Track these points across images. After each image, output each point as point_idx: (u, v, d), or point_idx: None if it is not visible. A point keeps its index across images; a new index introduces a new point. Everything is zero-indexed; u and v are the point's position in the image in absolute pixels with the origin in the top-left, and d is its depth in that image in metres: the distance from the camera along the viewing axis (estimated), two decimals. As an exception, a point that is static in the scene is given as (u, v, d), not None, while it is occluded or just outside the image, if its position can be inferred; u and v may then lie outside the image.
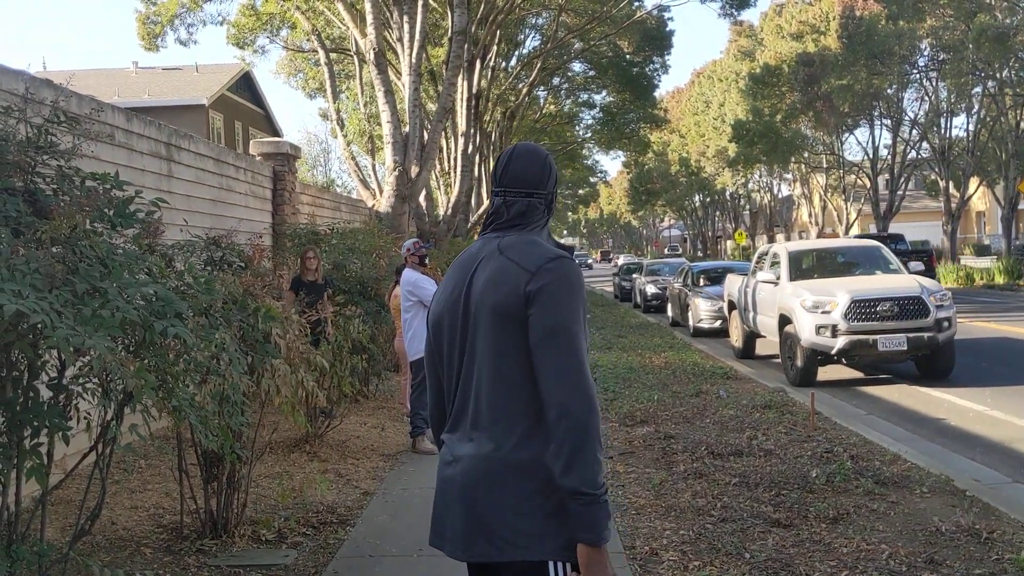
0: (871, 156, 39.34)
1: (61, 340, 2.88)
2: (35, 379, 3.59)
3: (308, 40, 25.48)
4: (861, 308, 10.71)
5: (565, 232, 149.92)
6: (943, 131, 36.26)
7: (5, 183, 3.61)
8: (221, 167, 10.53)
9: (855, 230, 45.55)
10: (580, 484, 1.98)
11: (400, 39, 17.32)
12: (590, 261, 47.48)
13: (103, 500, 4.15)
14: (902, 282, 11.43)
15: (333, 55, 24.91)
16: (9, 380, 3.43)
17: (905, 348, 10.60)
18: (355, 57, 24.32)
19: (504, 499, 2.07)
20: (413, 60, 16.68)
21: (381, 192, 17.48)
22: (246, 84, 37.44)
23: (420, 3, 16.77)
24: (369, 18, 16.34)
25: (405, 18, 16.93)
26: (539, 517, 2.06)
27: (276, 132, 40.12)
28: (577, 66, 38.27)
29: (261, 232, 11.23)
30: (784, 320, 11.71)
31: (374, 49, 16.36)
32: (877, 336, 10.60)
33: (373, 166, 27.07)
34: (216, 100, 33.01)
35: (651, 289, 25.21)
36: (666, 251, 71.25)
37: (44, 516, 3.93)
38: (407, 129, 16.55)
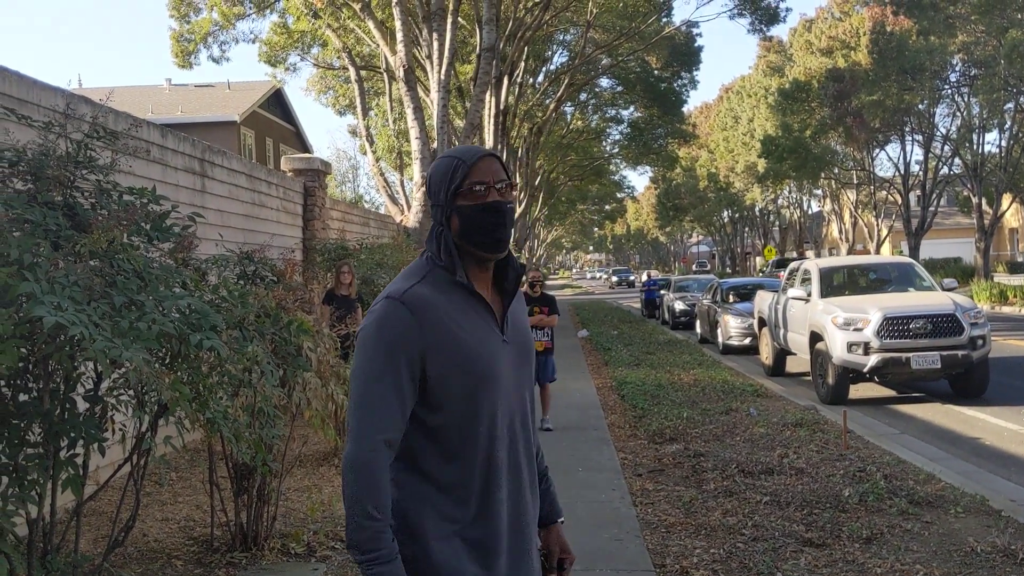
0: (902, 172, 38.96)
1: (99, 352, 2.91)
2: (72, 391, 3.64)
3: (339, 58, 25.76)
4: (894, 325, 10.59)
5: (591, 248, 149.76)
6: (975, 147, 35.85)
7: (45, 197, 3.67)
8: (253, 183, 10.64)
9: (886, 247, 45.11)
10: (346, 539, 1.91)
11: (429, 56, 17.45)
12: (632, 278, 45.25)
13: (137, 512, 4.18)
14: (935, 299, 11.30)
15: (363, 72, 25.13)
16: (47, 392, 3.48)
17: (939, 366, 10.46)
18: (385, 74, 24.54)
19: None
20: (442, 77, 16.79)
21: (409, 207, 17.57)
22: (277, 101, 37.85)
23: (449, 21, 16.90)
24: (399, 36, 16.49)
25: (434, 35, 17.05)
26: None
27: (306, 148, 40.49)
28: (605, 82, 38.35)
29: (292, 247, 11.33)
30: (815, 337, 11.60)
31: (404, 66, 16.49)
32: (910, 354, 10.47)
33: (401, 182, 27.27)
34: (248, 117, 33.39)
35: (679, 305, 25.07)
36: (694, 267, 70.88)
37: (79, 527, 3.97)
38: (435, 145, 16.64)
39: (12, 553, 3.34)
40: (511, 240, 2.09)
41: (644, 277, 48.54)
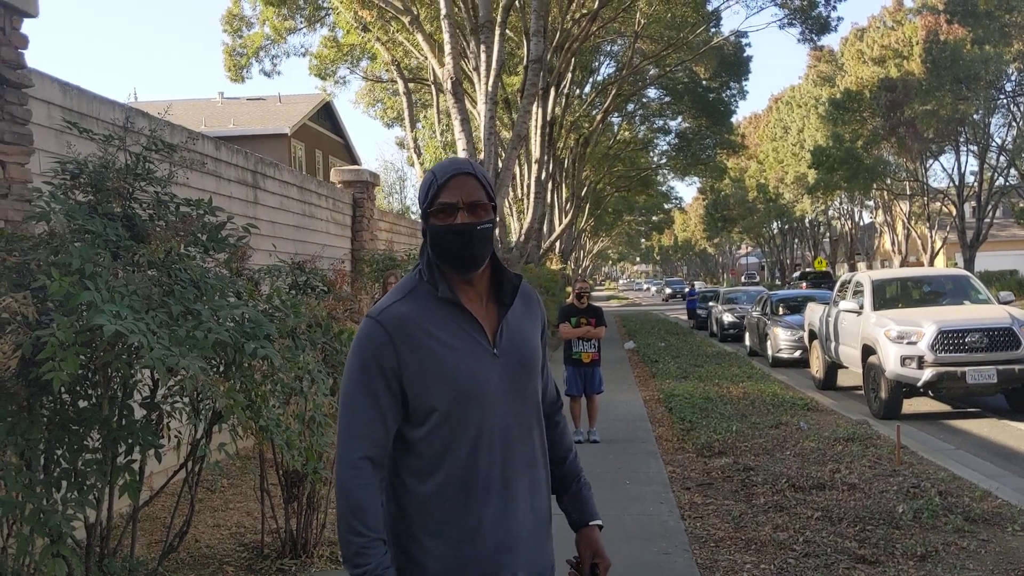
0: (957, 183, 38.22)
1: (156, 360, 2.98)
2: (129, 398, 3.72)
3: (387, 70, 26.03)
4: (949, 339, 10.38)
5: (638, 259, 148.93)
6: (1033, 157, 35.08)
7: (105, 208, 3.76)
8: (304, 194, 10.78)
9: (940, 259, 44.24)
10: (342, 558, 1.94)
11: (476, 68, 17.55)
12: (686, 289, 43.71)
13: (191, 518, 4.25)
14: (992, 312, 11.05)
15: (411, 85, 25.37)
16: (106, 398, 3.55)
17: (995, 381, 10.22)
18: (432, 86, 24.74)
19: None
20: (489, 88, 16.88)
21: (457, 219, 17.62)
22: (326, 114, 38.32)
23: (497, 33, 16.99)
24: (447, 48, 16.61)
25: (482, 47, 17.15)
26: None
27: (355, 160, 40.92)
28: (652, 92, 38.18)
29: (342, 257, 11.46)
30: (867, 351, 11.41)
31: (451, 78, 16.60)
32: (965, 368, 10.25)
33: (449, 193, 27.38)
34: (298, 129, 33.85)
35: (728, 318, 24.84)
36: (743, 279, 70.06)
37: (134, 532, 4.05)
38: (482, 156, 16.71)
39: (70, 556, 3.41)
40: (488, 257, 2.02)
41: (685, 288, 48.23)
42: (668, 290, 73.53)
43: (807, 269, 46.68)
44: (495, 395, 1.98)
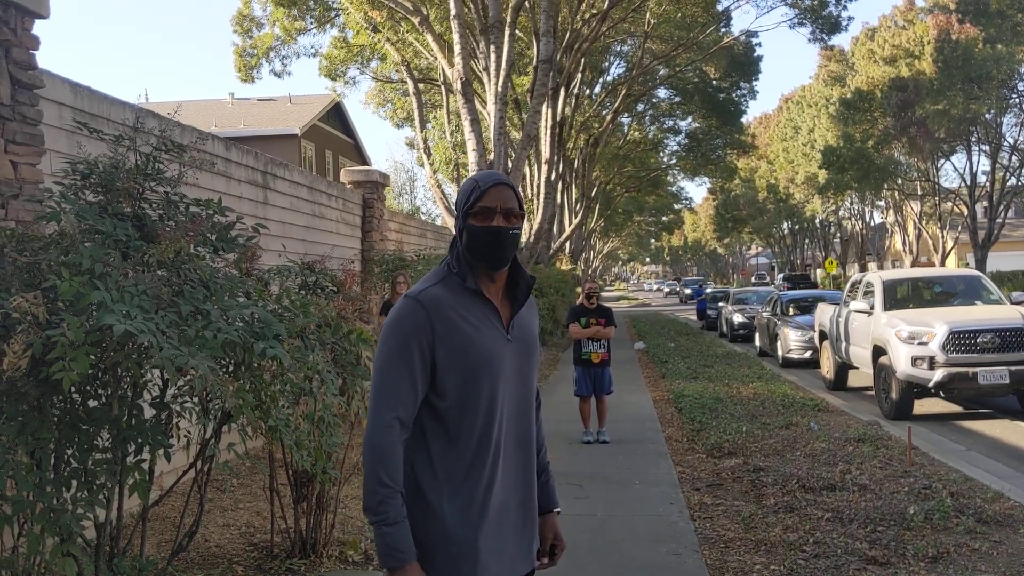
0: (968, 183, 38.01)
1: (166, 360, 2.98)
2: (139, 397, 3.73)
3: (397, 71, 26.06)
4: (960, 339, 10.33)
5: (648, 259, 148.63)
6: (1045, 157, 34.88)
7: (115, 208, 3.77)
8: (314, 194, 10.80)
9: (951, 259, 44.03)
10: (364, 506, 2.18)
11: (486, 68, 17.55)
12: (708, 289, 41.71)
13: (201, 517, 4.25)
14: (1003, 313, 10.99)
15: (421, 85, 25.38)
16: (115, 398, 3.56)
17: (1007, 382, 10.16)
18: (442, 87, 24.75)
19: None
20: (499, 89, 16.87)
21: (466, 219, 17.63)
22: (336, 114, 38.38)
23: (507, 33, 16.98)
24: (457, 48, 16.61)
25: (492, 48, 17.14)
26: None
27: (364, 161, 40.96)
28: (662, 92, 38.12)
29: (351, 257, 11.47)
30: (878, 351, 11.37)
31: (461, 79, 16.61)
32: (977, 369, 10.20)
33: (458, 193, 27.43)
34: (308, 130, 33.91)
35: (738, 318, 24.77)
36: (753, 279, 69.73)
37: (144, 531, 4.06)
38: (492, 157, 16.71)
39: (80, 555, 3.42)
40: (512, 258, 2.34)
41: (708, 289, 47.89)
42: (687, 290, 68.35)
43: (789, 271, 47.33)
44: (507, 374, 2.29)
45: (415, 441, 2.25)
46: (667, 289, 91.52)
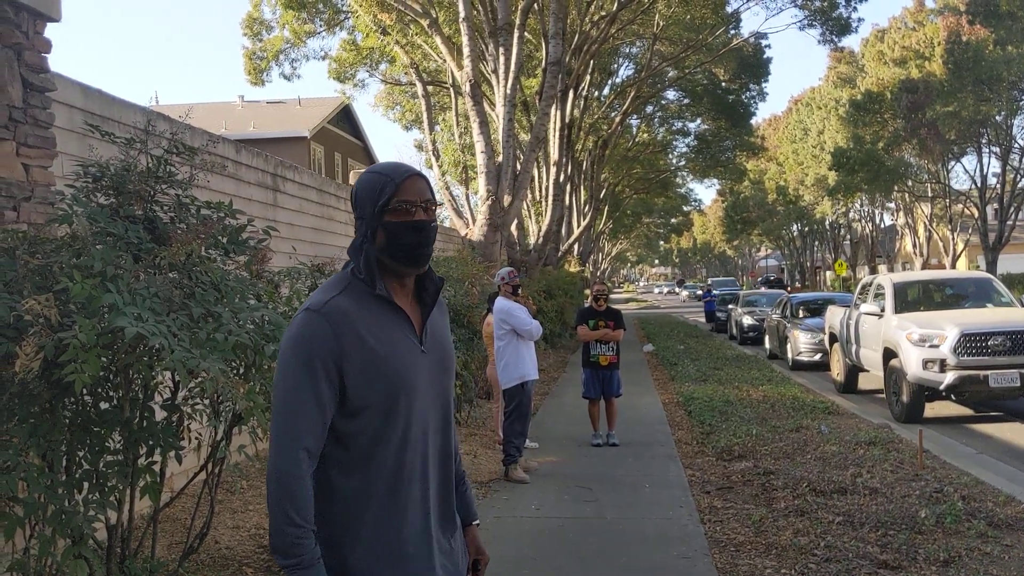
0: (979, 185, 37.87)
1: (177, 362, 2.99)
2: (150, 399, 3.74)
3: (406, 73, 26.09)
4: (971, 342, 10.28)
5: (657, 261, 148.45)
6: (1056, 158, 34.72)
7: (127, 211, 3.78)
8: (323, 197, 10.82)
9: (962, 261, 43.84)
10: (272, 548, 1.95)
11: (495, 71, 17.56)
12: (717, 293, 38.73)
13: (211, 519, 4.26)
14: (1015, 315, 10.94)
15: (430, 87, 25.40)
16: (127, 400, 3.57)
17: (1019, 384, 10.10)
18: (451, 89, 24.77)
19: None
20: (508, 91, 16.88)
21: (474, 221, 17.68)
22: (345, 117, 38.46)
23: (516, 35, 16.99)
24: (466, 51, 16.63)
25: (501, 50, 17.15)
26: None
27: (373, 163, 40.97)
28: (671, 94, 38.09)
29: (360, 260, 11.48)
30: (889, 354, 11.32)
31: (470, 81, 16.62)
32: (988, 372, 10.14)
33: (466, 196, 27.47)
34: (317, 132, 33.99)
35: (748, 320, 24.73)
36: (760, 281, 69.47)
37: (155, 533, 4.07)
38: (500, 159, 16.72)
39: (92, 557, 3.43)
40: (431, 256, 2.12)
41: (741, 291, 47.51)
42: (716, 292, 64.91)
43: (769, 276, 47.54)
44: (423, 390, 2.06)
45: (317, 472, 1.99)
46: (686, 293, 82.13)
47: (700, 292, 50.72)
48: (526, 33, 19.27)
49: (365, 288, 2.04)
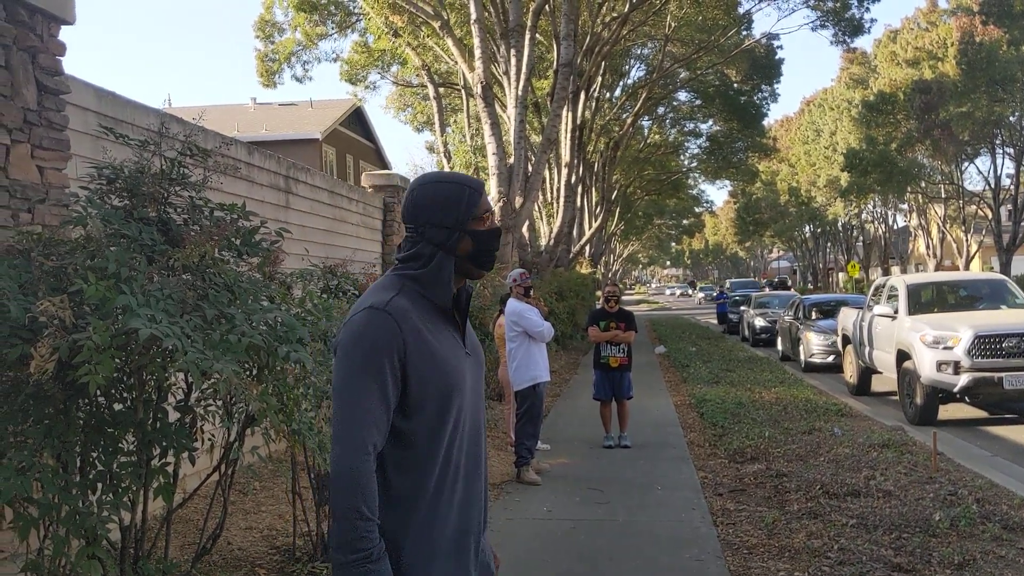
0: (993, 186, 37.67)
1: (190, 363, 3.00)
2: (163, 401, 3.75)
3: (417, 75, 26.15)
4: (986, 344, 10.22)
5: (668, 263, 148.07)
6: (1071, 159, 34.48)
7: (141, 213, 3.80)
8: (335, 199, 10.84)
9: (976, 263, 43.60)
10: (331, 544, 1.97)
11: (507, 72, 17.57)
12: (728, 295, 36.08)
13: (224, 520, 4.27)
14: (1030, 317, 10.87)
15: (441, 89, 25.46)
16: (140, 401, 3.59)
17: (1034, 387, 10.04)
18: (462, 91, 24.81)
19: None
20: (519, 93, 16.89)
21: (487, 223, 17.67)
22: (357, 119, 38.54)
23: (527, 37, 17.00)
24: (477, 52, 16.65)
25: (512, 52, 17.17)
26: None
27: (385, 165, 41.10)
28: (683, 95, 38.05)
29: (372, 261, 11.50)
30: (902, 356, 11.26)
31: (481, 83, 16.63)
32: (1003, 374, 10.08)
33: (479, 197, 27.47)
34: (329, 134, 34.07)
35: (760, 322, 24.66)
36: (763, 283, 69.02)
37: (168, 534, 4.08)
38: (512, 160, 16.72)
39: (105, 558, 3.44)
40: None
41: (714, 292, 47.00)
42: (736, 293, 60.20)
43: (775, 279, 47.71)
44: (468, 390, 2.14)
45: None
46: (703, 295, 77.57)
47: (716, 293, 48.74)
48: (538, 35, 19.29)
49: (416, 291, 2.10)
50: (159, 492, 3.71)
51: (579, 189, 29.40)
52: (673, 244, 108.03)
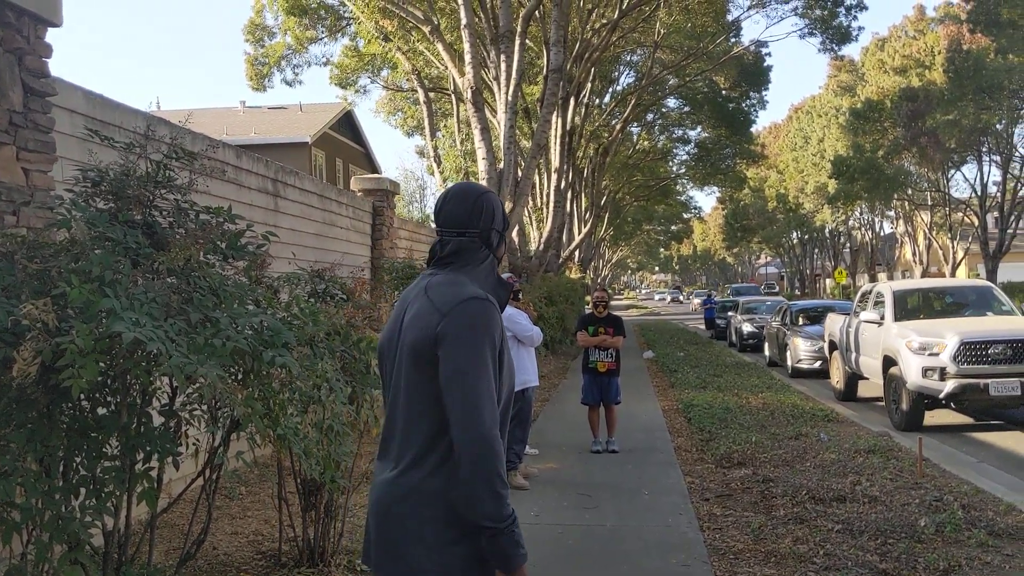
0: (979, 193, 37.92)
1: (175, 367, 2.98)
2: (148, 405, 3.73)
3: (408, 80, 26.15)
4: (971, 350, 10.27)
5: (657, 268, 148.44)
6: (1057, 167, 34.73)
7: (126, 216, 3.78)
8: (324, 202, 10.82)
9: (962, 270, 43.82)
10: (481, 518, 2.08)
11: (497, 78, 17.59)
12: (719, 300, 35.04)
13: (209, 525, 4.24)
14: (1015, 324, 10.93)
15: (431, 94, 25.45)
16: (124, 406, 3.56)
17: (1019, 393, 10.09)
18: (452, 96, 24.82)
19: (408, 526, 2.18)
20: (509, 98, 16.91)
21: (476, 227, 17.68)
22: (347, 122, 38.51)
23: (517, 43, 17.02)
24: (467, 58, 16.66)
25: (502, 57, 17.19)
26: (439, 546, 2.15)
27: (375, 169, 41.06)
28: (672, 102, 38.20)
29: (361, 265, 11.48)
30: (889, 362, 11.31)
31: (471, 87, 16.65)
32: (989, 380, 10.13)
33: (468, 202, 27.48)
34: (319, 138, 34.03)
35: (747, 328, 24.73)
36: (763, 288, 69.27)
37: (152, 539, 4.05)
38: (502, 165, 16.74)
39: (88, 563, 3.42)
40: None
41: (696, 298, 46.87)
42: (697, 300, 55.00)
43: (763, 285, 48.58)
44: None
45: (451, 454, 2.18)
46: (698, 300, 71.73)
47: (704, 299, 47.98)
48: (527, 40, 19.32)
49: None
50: (143, 497, 3.68)
51: (569, 194, 29.44)
52: (662, 250, 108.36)
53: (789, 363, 17.83)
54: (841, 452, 8.70)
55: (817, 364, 16.62)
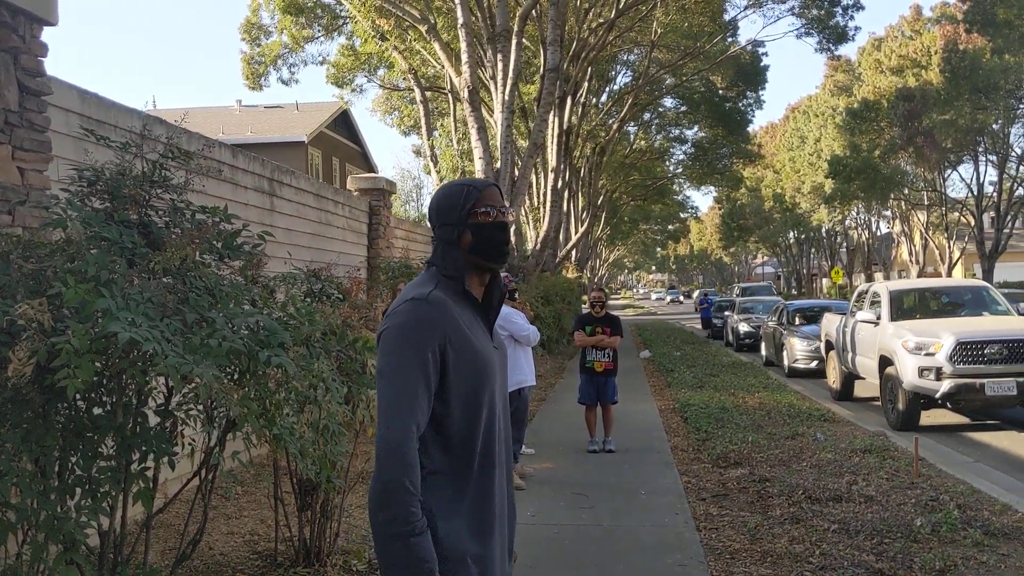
0: (975, 193, 37.95)
1: (170, 367, 2.97)
2: (143, 405, 3.72)
3: (404, 79, 26.15)
4: (967, 350, 10.29)
5: (654, 268, 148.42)
6: (1053, 167, 34.78)
7: (121, 216, 3.77)
8: (320, 202, 10.81)
9: (958, 270, 43.88)
10: (377, 517, 2.05)
11: (493, 77, 17.58)
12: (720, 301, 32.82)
13: (205, 525, 4.24)
14: (1011, 324, 10.96)
15: (428, 93, 25.44)
16: (120, 406, 3.55)
17: (1015, 393, 10.12)
18: (449, 95, 24.82)
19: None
20: (506, 97, 16.90)
21: (473, 227, 17.68)
22: (343, 122, 38.48)
23: (514, 42, 17.02)
24: (464, 57, 16.65)
25: (499, 56, 17.18)
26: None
27: (371, 168, 41.03)
28: (668, 101, 38.20)
29: (358, 265, 11.47)
30: (885, 361, 11.32)
31: (468, 87, 16.64)
32: (985, 380, 10.15)
33: (465, 201, 27.47)
34: (315, 137, 33.99)
35: (744, 327, 24.74)
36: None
37: (148, 539, 4.04)
38: (499, 165, 16.74)
39: (84, 563, 3.41)
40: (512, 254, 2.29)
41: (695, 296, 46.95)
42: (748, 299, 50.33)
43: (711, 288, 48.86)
44: (499, 381, 2.31)
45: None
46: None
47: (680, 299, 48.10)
48: (524, 40, 19.31)
49: (452, 286, 2.26)
50: (138, 497, 3.67)
51: (565, 194, 29.44)
52: (659, 249, 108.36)
53: (785, 363, 17.84)
54: (837, 452, 8.71)
55: (813, 364, 16.64)
